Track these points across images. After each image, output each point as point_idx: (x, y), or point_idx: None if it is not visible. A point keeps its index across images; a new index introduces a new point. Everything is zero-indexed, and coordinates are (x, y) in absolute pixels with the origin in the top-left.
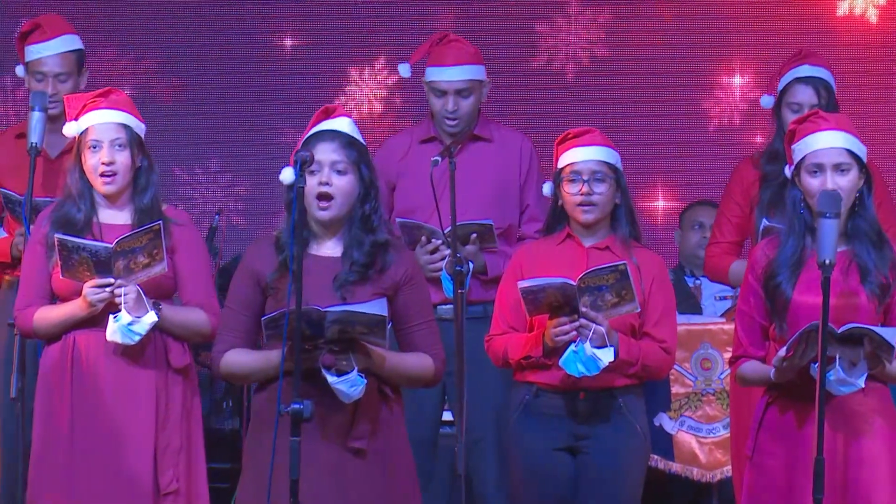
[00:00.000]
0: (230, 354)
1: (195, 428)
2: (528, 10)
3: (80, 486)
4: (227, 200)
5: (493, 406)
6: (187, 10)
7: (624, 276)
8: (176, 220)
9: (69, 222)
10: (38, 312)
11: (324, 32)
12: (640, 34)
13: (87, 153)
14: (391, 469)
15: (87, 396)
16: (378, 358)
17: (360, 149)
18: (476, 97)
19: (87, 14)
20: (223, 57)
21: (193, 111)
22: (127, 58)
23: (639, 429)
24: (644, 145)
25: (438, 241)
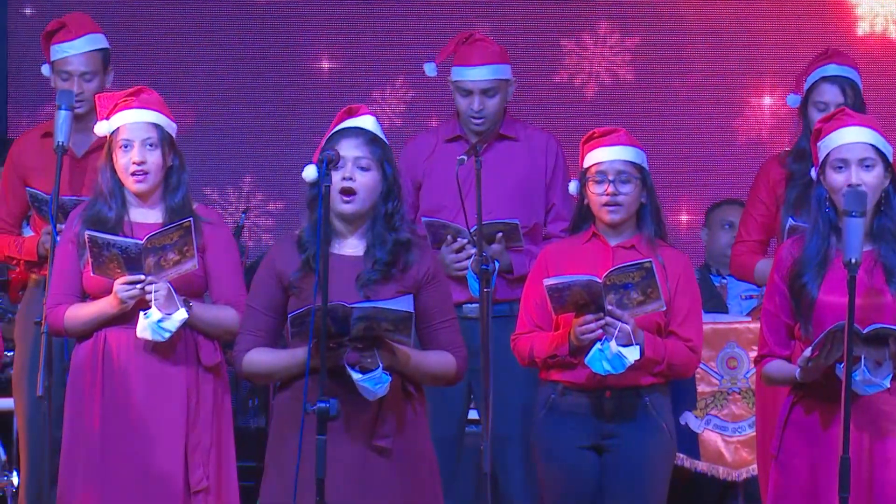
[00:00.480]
0: (252, 353)
1: (226, 426)
2: (556, 25)
3: (110, 484)
4: (255, 200)
5: (519, 404)
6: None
7: (650, 274)
8: (207, 218)
9: (100, 221)
10: (69, 310)
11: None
12: (665, 63)
13: (119, 152)
14: (415, 468)
15: (118, 394)
16: (402, 355)
17: (383, 147)
18: (502, 96)
19: (126, 21)
20: (245, 51)
21: (223, 116)
22: (163, 72)
23: (665, 427)
24: (662, 165)
25: (464, 240)
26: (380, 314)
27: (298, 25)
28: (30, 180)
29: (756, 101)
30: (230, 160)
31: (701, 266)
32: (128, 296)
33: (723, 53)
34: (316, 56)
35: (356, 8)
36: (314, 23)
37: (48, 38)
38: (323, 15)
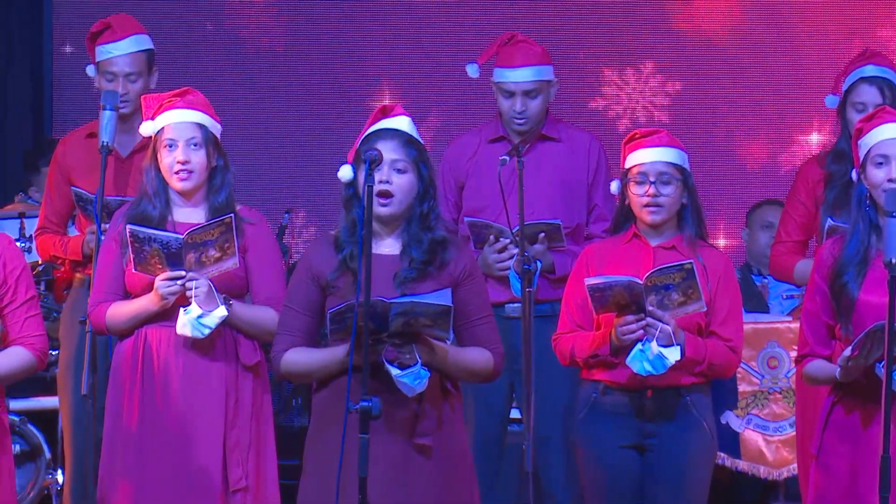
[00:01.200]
0: (290, 353)
1: (266, 425)
2: (602, 53)
3: (149, 482)
4: (297, 200)
5: (561, 404)
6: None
7: (690, 276)
8: (250, 219)
9: (144, 220)
10: (111, 308)
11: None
12: (701, 114)
13: (163, 152)
14: (454, 465)
15: (157, 392)
16: (441, 351)
17: (419, 148)
18: (544, 97)
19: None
20: (293, 54)
21: (272, 115)
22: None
23: (706, 426)
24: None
25: (506, 240)
26: (418, 309)
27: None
28: (75, 180)
29: (802, 138)
30: (273, 162)
31: (742, 266)
32: (168, 292)
33: (764, 108)
34: (351, 60)
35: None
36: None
37: (93, 39)
38: (367, 22)
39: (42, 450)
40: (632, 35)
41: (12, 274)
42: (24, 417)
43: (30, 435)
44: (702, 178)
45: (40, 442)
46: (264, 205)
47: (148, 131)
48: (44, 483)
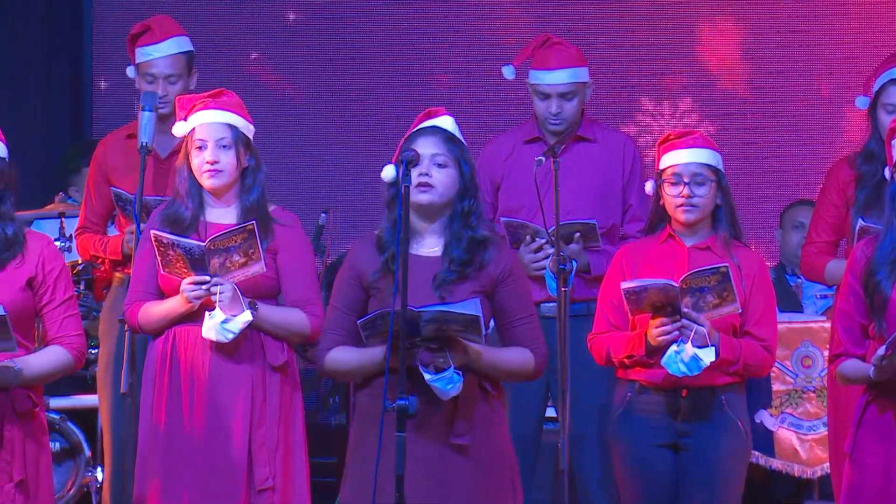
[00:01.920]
0: (335, 352)
1: (295, 425)
2: (640, 82)
3: (176, 481)
4: (335, 200)
5: (596, 403)
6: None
7: (725, 278)
8: (281, 220)
9: (177, 220)
10: (143, 308)
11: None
12: (737, 112)
13: (194, 152)
14: (494, 466)
15: (185, 391)
16: (474, 354)
17: (461, 146)
18: (579, 99)
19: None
20: (338, 59)
21: (309, 114)
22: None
23: (740, 426)
24: None
25: (542, 240)
26: (447, 317)
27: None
28: (114, 180)
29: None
30: (312, 162)
31: (776, 266)
32: (193, 296)
33: (799, 108)
34: (393, 60)
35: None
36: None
37: (133, 41)
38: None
39: (82, 448)
40: (673, 67)
41: (51, 274)
42: (63, 415)
43: (69, 433)
44: (736, 178)
45: (80, 440)
46: (303, 204)
47: (180, 132)
48: (83, 481)
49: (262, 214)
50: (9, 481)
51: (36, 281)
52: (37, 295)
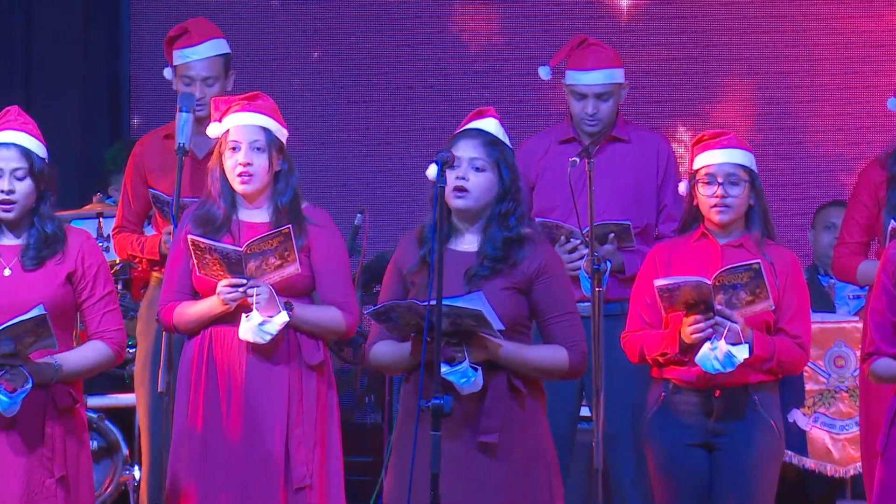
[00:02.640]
0: (377, 346)
1: (331, 424)
2: (673, 83)
3: (213, 480)
4: (371, 200)
5: (630, 402)
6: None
7: (758, 275)
8: (314, 220)
9: (209, 221)
10: (178, 308)
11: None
12: (772, 106)
13: (227, 153)
14: (528, 465)
15: (222, 391)
16: (494, 348)
17: (501, 149)
18: (615, 100)
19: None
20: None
21: (349, 117)
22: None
23: (773, 425)
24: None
25: (577, 241)
26: (455, 311)
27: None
28: (152, 181)
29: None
30: (349, 162)
31: (809, 266)
32: (230, 298)
33: (834, 110)
34: (433, 61)
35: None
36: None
37: (171, 43)
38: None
39: (119, 446)
40: (704, 70)
41: (90, 269)
42: (101, 414)
43: (107, 431)
44: (770, 178)
45: (118, 438)
46: (339, 204)
47: (214, 133)
48: (121, 479)
49: (295, 215)
50: (50, 477)
51: (76, 276)
52: (76, 290)
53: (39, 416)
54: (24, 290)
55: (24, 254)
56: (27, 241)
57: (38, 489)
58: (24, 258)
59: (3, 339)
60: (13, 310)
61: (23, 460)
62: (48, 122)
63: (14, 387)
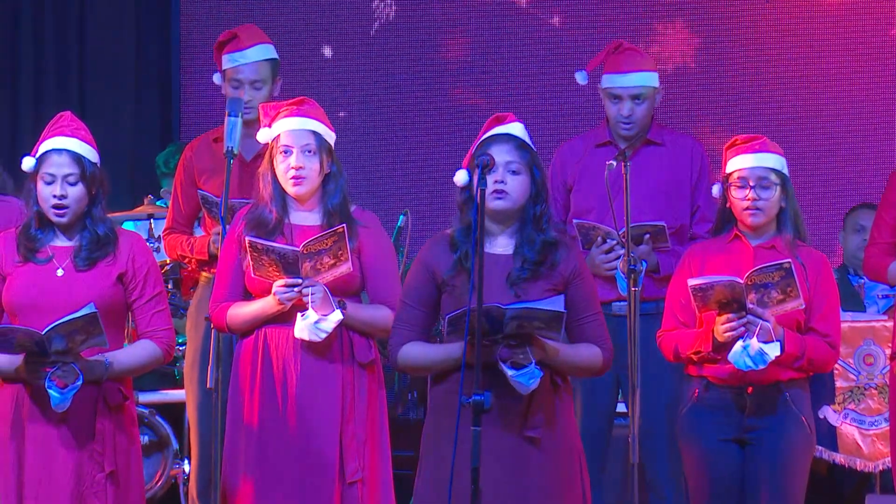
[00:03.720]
0: (407, 347)
1: (381, 420)
2: (703, 87)
3: (270, 475)
4: (413, 202)
5: (665, 398)
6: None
7: (789, 274)
8: (363, 222)
9: (262, 223)
10: (231, 308)
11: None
12: (805, 116)
13: (279, 157)
14: (565, 457)
15: (277, 390)
16: (552, 350)
17: (531, 152)
18: (650, 103)
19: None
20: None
21: (392, 122)
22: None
23: (804, 421)
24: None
25: (613, 242)
26: (532, 314)
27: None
28: (201, 183)
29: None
30: (392, 165)
31: (839, 267)
32: (286, 298)
33: (867, 112)
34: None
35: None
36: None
37: (220, 48)
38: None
39: (169, 441)
40: (735, 74)
41: (140, 270)
42: (152, 410)
43: (158, 426)
44: (802, 182)
45: (168, 433)
46: (382, 205)
47: (264, 138)
48: (171, 473)
49: (344, 217)
50: (100, 472)
51: (126, 276)
52: (127, 290)
53: (90, 413)
54: (77, 289)
55: (76, 255)
56: (80, 242)
57: (89, 484)
58: (77, 259)
59: (55, 336)
60: (65, 309)
61: (74, 455)
62: (101, 127)
63: (65, 383)
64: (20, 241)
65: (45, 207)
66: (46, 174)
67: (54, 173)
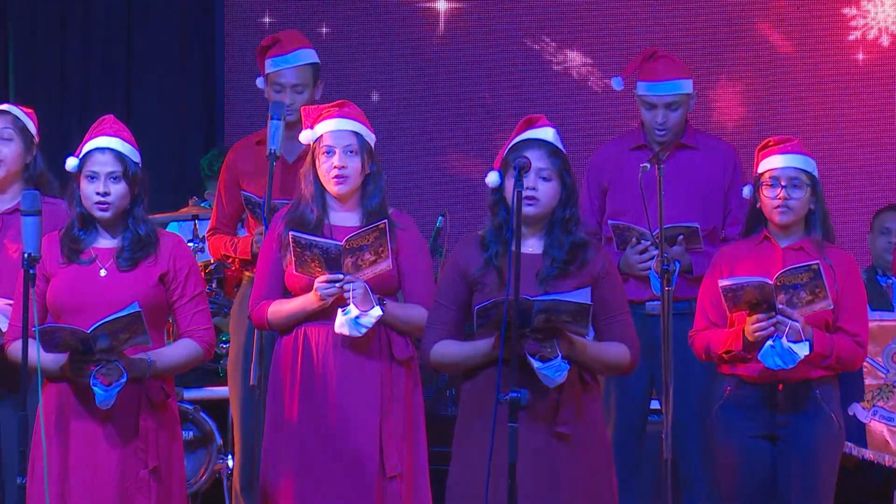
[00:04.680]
0: (440, 345)
1: (418, 416)
2: (732, 91)
3: (311, 469)
4: (452, 203)
5: (697, 395)
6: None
7: (817, 275)
8: (400, 223)
9: (302, 223)
10: (272, 306)
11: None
12: (835, 121)
13: (321, 158)
14: (592, 451)
15: (316, 386)
16: (579, 345)
17: (563, 157)
18: (683, 109)
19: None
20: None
21: (431, 125)
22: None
23: (834, 418)
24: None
25: (647, 242)
26: (559, 307)
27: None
28: (244, 184)
29: None
30: (431, 168)
31: (868, 267)
32: (328, 293)
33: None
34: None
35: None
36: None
37: (263, 53)
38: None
39: (213, 436)
40: (764, 77)
41: (182, 271)
42: (197, 406)
43: (202, 422)
44: (831, 184)
45: (212, 429)
46: (421, 207)
47: (306, 139)
48: (215, 467)
49: (383, 217)
50: (143, 468)
51: (168, 277)
52: (168, 290)
53: (134, 410)
54: (119, 289)
55: (119, 255)
56: (122, 243)
57: (133, 479)
58: (120, 259)
59: (100, 335)
60: (108, 309)
61: (118, 452)
62: (148, 131)
63: (109, 380)
64: (64, 242)
65: (88, 204)
66: (89, 171)
67: (97, 171)
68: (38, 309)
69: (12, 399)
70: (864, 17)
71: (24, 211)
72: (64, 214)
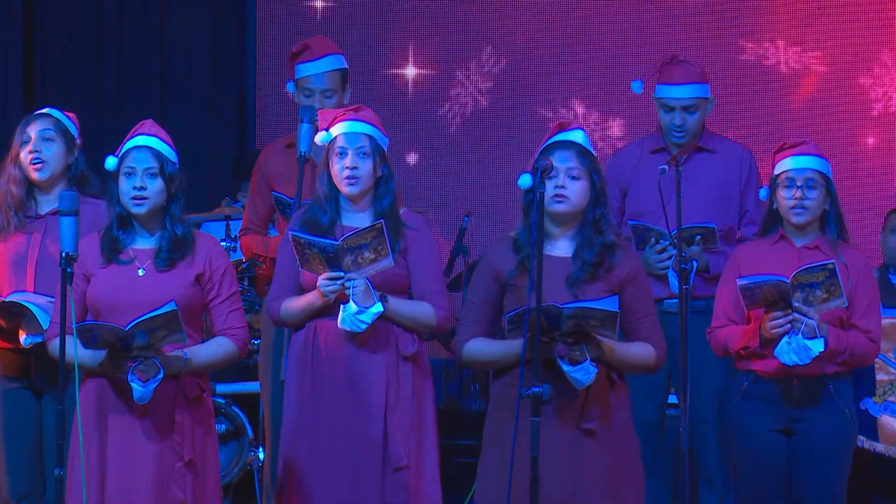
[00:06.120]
0: (472, 343)
1: (426, 409)
2: (749, 94)
3: (319, 461)
4: (477, 204)
5: (715, 391)
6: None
7: (832, 274)
8: (411, 224)
9: (315, 224)
10: (285, 303)
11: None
12: (845, 120)
13: (334, 159)
14: (618, 447)
15: (326, 379)
16: (607, 348)
17: (592, 158)
18: (701, 113)
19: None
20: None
21: (458, 128)
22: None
23: (847, 412)
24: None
25: (666, 242)
26: (588, 313)
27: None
28: (275, 185)
29: None
30: (457, 169)
31: (880, 266)
32: (328, 290)
33: None
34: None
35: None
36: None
37: (293, 59)
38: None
39: (245, 430)
40: (780, 80)
41: (217, 271)
42: (229, 400)
43: (234, 416)
44: (845, 184)
45: (243, 423)
46: (447, 208)
47: (321, 141)
48: (247, 460)
49: (394, 219)
50: (179, 461)
51: (203, 277)
52: (204, 290)
53: (170, 406)
54: (157, 289)
55: (157, 256)
56: (159, 243)
57: (169, 472)
58: (157, 260)
59: (138, 332)
60: (146, 307)
61: (155, 446)
62: (182, 134)
63: (147, 377)
64: (104, 243)
65: (126, 200)
66: (127, 167)
67: (134, 166)
68: (78, 307)
69: (53, 393)
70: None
71: (61, 211)
72: (103, 214)
